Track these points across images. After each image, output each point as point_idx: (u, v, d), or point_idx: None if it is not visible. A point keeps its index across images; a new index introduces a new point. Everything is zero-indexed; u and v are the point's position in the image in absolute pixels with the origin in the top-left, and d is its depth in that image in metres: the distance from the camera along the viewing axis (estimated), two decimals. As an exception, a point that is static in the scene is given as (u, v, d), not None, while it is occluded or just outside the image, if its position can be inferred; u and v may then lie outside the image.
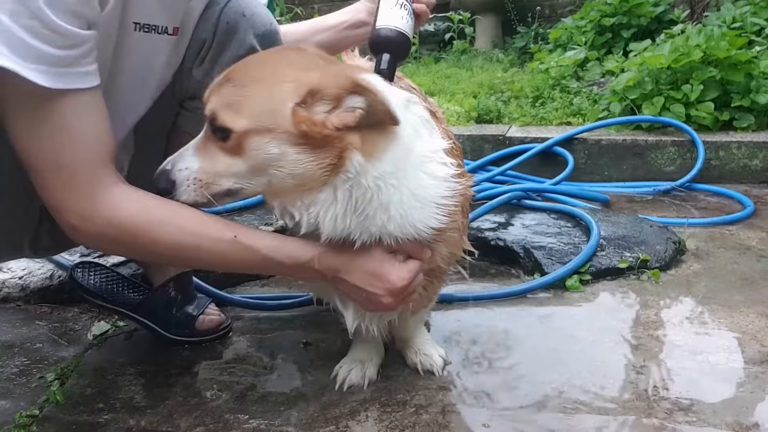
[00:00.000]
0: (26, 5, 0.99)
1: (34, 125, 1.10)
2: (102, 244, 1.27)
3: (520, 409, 1.38)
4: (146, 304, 1.71)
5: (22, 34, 1.00)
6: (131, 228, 1.16)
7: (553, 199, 2.61)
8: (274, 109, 1.10)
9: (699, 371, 1.49)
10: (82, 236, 1.19)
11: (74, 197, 1.14)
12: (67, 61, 1.06)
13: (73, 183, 1.13)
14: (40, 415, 1.43)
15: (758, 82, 2.99)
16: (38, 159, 1.12)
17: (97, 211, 1.14)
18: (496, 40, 5.94)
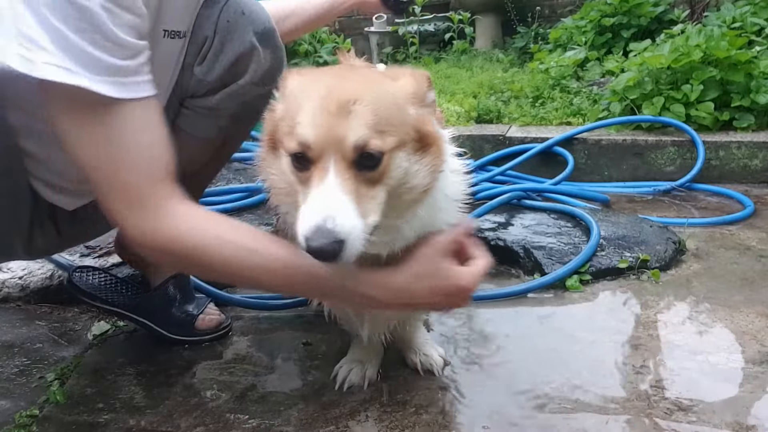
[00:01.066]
0: (90, 21, 1.01)
1: (98, 139, 1.09)
2: (162, 258, 1.25)
3: (520, 409, 1.38)
4: (145, 303, 1.71)
5: (89, 47, 1.02)
6: (191, 246, 1.14)
7: (553, 199, 2.61)
8: (405, 120, 1.07)
9: (699, 371, 1.49)
10: (143, 250, 1.19)
11: (136, 215, 1.13)
12: (131, 70, 1.08)
13: (135, 200, 1.12)
14: (40, 415, 1.43)
15: (758, 82, 2.99)
16: (100, 173, 1.12)
17: (159, 230, 1.13)
18: (496, 40, 5.94)
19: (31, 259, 1.82)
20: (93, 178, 1.13)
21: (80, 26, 1.00)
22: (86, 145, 1.10)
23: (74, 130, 1.09)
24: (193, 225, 1.15)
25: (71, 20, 1.00)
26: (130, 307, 1.72)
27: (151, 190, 1.13)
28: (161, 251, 1.16)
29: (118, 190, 1.12)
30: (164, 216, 1.14)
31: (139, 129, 1.12)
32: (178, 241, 1.14)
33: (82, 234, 1.55)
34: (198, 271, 1.33)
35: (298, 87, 1.10)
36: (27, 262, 1.99)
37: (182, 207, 1.16)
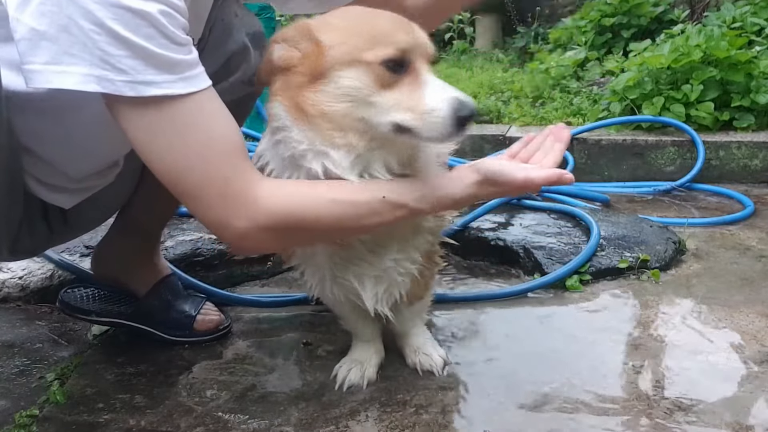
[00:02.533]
0: (156, 27, 1.03)
1: (178, 140, 1.10)
2: (270, 239, 1.21)
3: (520, 409, 1.38)
4: (141, 310, 1.70)
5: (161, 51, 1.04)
6: (294, 213, 1.15)
7: (553, 199, 2.61)
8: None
9: (699, 371, 1.49)
10: (252, 240, 1.17)
11: (236, 208, 1.13)
12: (192, 63, 1.10)
13: (231, 194, 1.12)
14: (40, 415, 1.43)
15: (758, 82, 2.99)
16: (189, 178, 1.12)
17: (260, 209, 1.13)
18: (496, 40, 5.94)
19: (12, 260, 1.82)
20: (183, 189, 1.13)
21: (149, 33, 1.03)
22: (169, 152, 1.10)
23: (156, 141, 1.10)
24: (289, 192, 1.17)
25: (141, 29, 1.02)
26: (126, 315, 1.71)
27: (242, 177, 1.13)
28: (273, 230, 1.15)
29: (210, 188, 1.12)
30: (261, 197, 1.14)
31: (212, 119, 1.13)
32: (284, 213, 1.14)
33: (72, 231, 1.54)
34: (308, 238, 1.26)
35: (349, 17, 1.24)
36: (27, 262, 1.98)
37: (267, 181, 1.18)
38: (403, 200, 1.20)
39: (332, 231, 1.23)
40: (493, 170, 1.23)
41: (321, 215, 1.16)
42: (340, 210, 1.17)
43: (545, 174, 1.24)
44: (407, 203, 1.20)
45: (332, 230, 1.22)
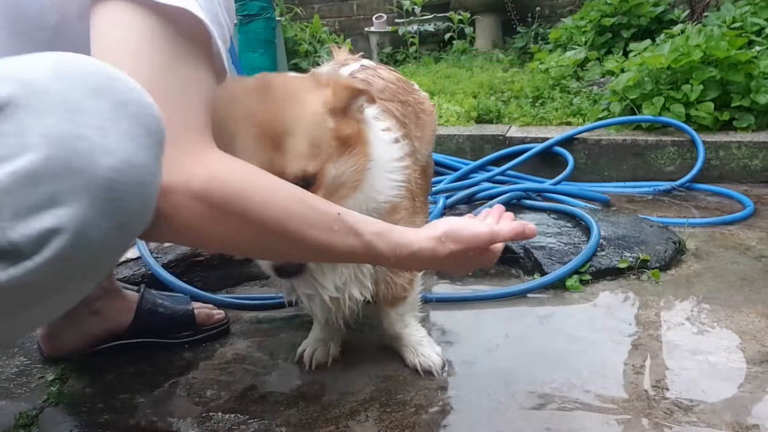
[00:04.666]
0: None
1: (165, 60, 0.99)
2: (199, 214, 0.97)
3: (520, 409, 1.38)
4: (137, 326, 1.67)
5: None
6: (241, 187, 0.99)
7: (553, 199, 2.61)
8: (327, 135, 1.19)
9: (699, 371, 1.49)
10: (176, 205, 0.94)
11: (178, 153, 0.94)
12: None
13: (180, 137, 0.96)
14: (40, 415, 1.43)
15: (758, 82, 2.98)
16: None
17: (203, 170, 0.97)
18: (496, 40, 5.94)
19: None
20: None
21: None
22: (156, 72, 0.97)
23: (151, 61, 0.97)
24: (241, 165, 1.03)
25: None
26: (124, 334, 1.67)
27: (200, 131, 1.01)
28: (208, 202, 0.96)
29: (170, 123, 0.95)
30: (210, 158, 1.00)
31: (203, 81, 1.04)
32: (229, 183, 0.98)
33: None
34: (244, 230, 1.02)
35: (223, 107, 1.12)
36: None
37: (223, 153, 1.03)
38: (359, 228, 1.09)
39: (274, 227, 1.02)
40: (455, 225, 1.19)
41: (269, 201, 1.01)
42: (291, 204, 1.03)
43: (510, 226, 1.21)
44: (363, 233, 1.09)
45: (274, 226, 1.02)
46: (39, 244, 0.74)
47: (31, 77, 0.75)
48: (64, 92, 0.75)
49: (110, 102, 0.78)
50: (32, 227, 0.73)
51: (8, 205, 0.72)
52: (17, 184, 0.72)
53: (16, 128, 0.72)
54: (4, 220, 0.72)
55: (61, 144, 0.73)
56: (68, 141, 0.74)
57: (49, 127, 0.73)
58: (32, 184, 0.72)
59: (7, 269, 0.74)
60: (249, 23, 3.81)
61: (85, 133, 0.75)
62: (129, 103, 0.80)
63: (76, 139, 0.74)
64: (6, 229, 0.72)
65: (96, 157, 0.75)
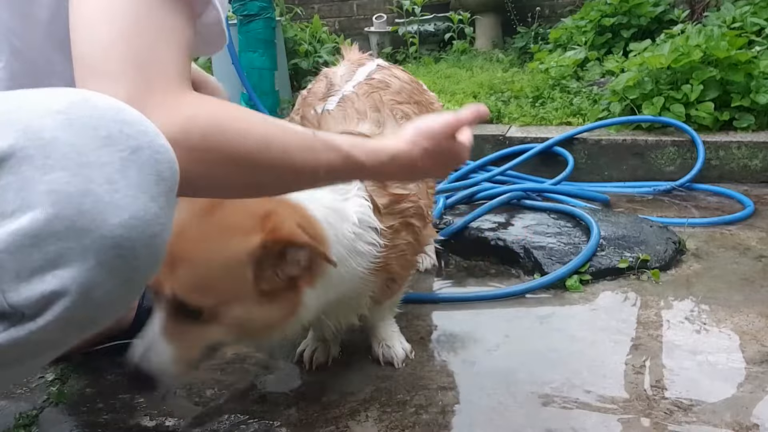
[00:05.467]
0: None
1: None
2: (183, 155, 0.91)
3: (520, 409, 1.38)
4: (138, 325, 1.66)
5: None
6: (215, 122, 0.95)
7: (553, 199, 2.61)
8: (235, 281, 1.13)
9: (699, 371, 1.49)
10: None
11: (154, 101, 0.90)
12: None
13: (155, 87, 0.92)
14: (40, 415, 1.43)
15: (758, 82, 2.98)
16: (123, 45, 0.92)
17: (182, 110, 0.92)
18: (496, 40, 5.94)
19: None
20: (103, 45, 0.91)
21: None
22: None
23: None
24: (216, 103, 0.98)
25: None
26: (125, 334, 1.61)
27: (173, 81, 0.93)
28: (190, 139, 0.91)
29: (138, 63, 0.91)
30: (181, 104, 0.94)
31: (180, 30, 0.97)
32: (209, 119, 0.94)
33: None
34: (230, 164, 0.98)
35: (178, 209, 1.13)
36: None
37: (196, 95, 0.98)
38: (336, 143, 1.06)
39: (257, 156, 0.98)
40: (420, 123, 1.19)
41: (247, 131, 0.97)
42: (269, 130, 0.99)
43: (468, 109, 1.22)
44: (341, 147, 1.05)
45: (257, 154, 0.98)
46: (42, 306, 0.71)
47: (38, 126, 0.70)
48: (73, 143, 0.70)
49: (122, 151, 0.73)
50: (34, 290, 0.70)
51: (9, 267, 0.68)
52: (19, 245, 0.68)
53: (19, 182, 0.68)
54: (4, 282, 0.69)
55: (67, 202, 0.69)
56: (74, 198, 0.69)
57: (54, 182, 0.68)
58: (35, 245, 0.68)
59: (7, 330, 0.71)
60: (249, 23, 3.81)
61: (92, 189, 0.70)
62: (141, 149, 0.74)
63: (82, 195, 0.69)
64: (6, 291, 0.69)
65: (104, 215, 0.70)
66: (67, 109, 0.72)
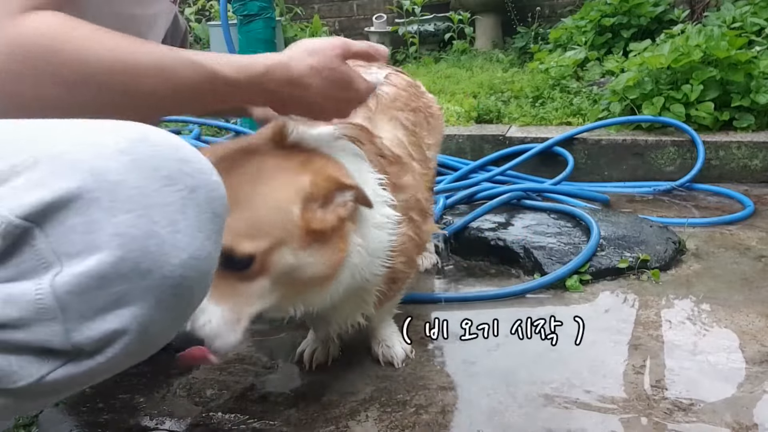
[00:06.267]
0: None
1: None
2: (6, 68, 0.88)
3: (520, 409, 1.38)
4: None
5: None
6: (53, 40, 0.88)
7: (553, 199, 2.61)
8: (285, 221, 1.11)
9: (699, 371, 1.49)
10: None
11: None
12: None
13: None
14: (40, 415, 1.43)
15: (758, 82, 2.98)
16: None
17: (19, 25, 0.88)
18: (496, 40, 5.94)
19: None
20: None
21: None
22: None
23: None
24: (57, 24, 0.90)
25: None
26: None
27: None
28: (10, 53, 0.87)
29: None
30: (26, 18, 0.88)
31: None
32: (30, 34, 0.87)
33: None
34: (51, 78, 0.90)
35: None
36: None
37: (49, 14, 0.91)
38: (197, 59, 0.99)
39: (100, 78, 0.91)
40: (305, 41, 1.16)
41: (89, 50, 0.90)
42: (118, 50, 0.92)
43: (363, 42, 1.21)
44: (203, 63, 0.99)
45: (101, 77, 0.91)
46: (102, 345, 0.72)
47: (104, 168, 0.69)
48: (137, 186, 0.70)
49: (181, 190, 0.73)
50: (97, 329, 0.70)
51: (74, 308, 0.69)
52: (85, 287, 0.68)
53: (86, 225, 0.68)
54: (69, 321, 0.69)
55: (133, 244, 0.69)
56: (140, 241, 0.70)
57: (121, 225, 0.69)
58: (101, 287, 0.69)
59: (64, 365, 0.72)
60: (249, 23, 3.81)
61: (156, 231, 0.71)
62: (198, 188, 0.75)
63: (147, 237, 0.70)
64: (71, 331, 0.70)
65: (166, 256, 0.71)
66: (130, 149, 0.72)
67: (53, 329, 0.69)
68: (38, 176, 0.68)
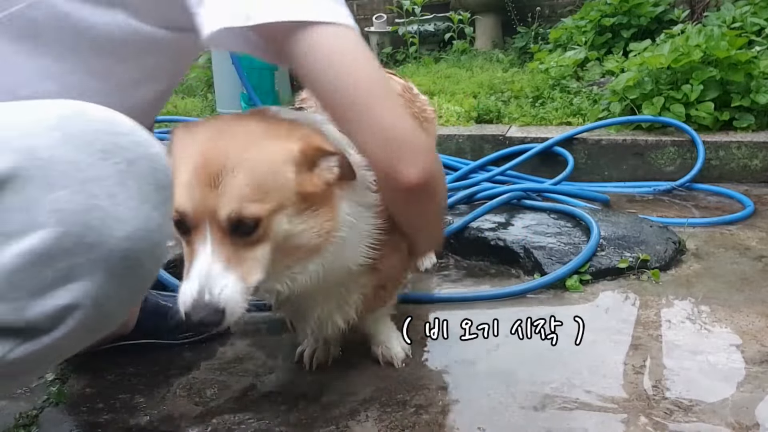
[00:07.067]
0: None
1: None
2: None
3: (520, 409, 1.38)
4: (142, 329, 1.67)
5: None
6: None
7: (553, 199, 2.61)
8: (282, 184, 1.11)
9: (699, 371, 1.49)
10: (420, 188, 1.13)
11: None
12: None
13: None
14: (40, 415, 1.43)
15: (758, 82, 2.99)
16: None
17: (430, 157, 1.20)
18: (496, 40, 5.94)
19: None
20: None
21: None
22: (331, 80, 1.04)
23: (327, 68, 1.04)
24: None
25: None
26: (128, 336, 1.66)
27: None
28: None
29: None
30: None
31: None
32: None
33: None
34: None
35: (179, 147, 1.12)
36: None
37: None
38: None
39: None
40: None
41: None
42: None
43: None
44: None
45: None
46: (56, 320, 0.72)
47: (35, 144, 0.70)
48: (72, 160, 0.70)
49: (119, 163, 0.73)
50: (48, 305, 0.71)
51: (23, 285, 0.70)
52: (30, 264, 0.69)
53: (23, 203, 0.68)
54: (20, 300, 0.70)
55: (74, 219, 0.70)
56: (80, 215, 0.70)
57: (59, 201, 0.69)
58: (46, 263, 0.69)
59: (23, 344, 0.73)
60: (249, 23, 3.80)
61: (96, 204, 0.71)
62: (137, 160, 0.75)
63: (87, 211, 0.70)
64: (22, 309, 0.71)
65: (110, 229, 0.72)
66: (62, 125, 0.72)
67: (3, 308, 0.69)
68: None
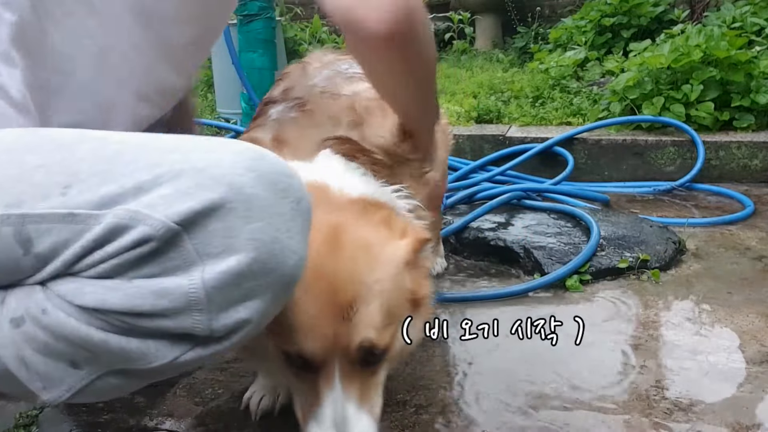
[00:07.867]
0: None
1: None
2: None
3: (519, 409, 1.38)
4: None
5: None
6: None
7: (553, 199, 2.61)
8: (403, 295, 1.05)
9: (699, 371, 1.49)
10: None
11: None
12: None
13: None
14: (40, 415, 1.43)
15: (758, 82, 2.99)
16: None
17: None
18: (496, 40, 5.94)
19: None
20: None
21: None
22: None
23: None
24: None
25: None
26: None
27: None
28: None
29: None
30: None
31: None
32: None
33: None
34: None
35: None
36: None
37: None
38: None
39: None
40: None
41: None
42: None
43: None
44: None
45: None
46: (232, 331, 0.85)
47: (240, 183, 0.82)
48: (265, 198, 0.84)
49: (292, 202, 0.87)
50: (232, 318, 0.83)
51: (216, 300, 0.82)
52: (226, 283, 0.81)
53: (225, 230, 0.81)
54: (211, 312, 0.82)
55: (264, 248, 0.82)
56: (268, 245, 0.83)
57: (255, 231, 0.82)
58: (237, 282, 0.82)
59: (194, 348, 0.85)
60: (249, 23, 3.81)
61: (279, 236, 0.84)
62: (302, 200, 0.89)
63: (273, 242, 0.83)
64: (212, 320, 0.83)
65: (285, 258, 0.85)
66: (256, 166, 0.85)
67: (199, 318, 0.82)
68: (185, 187, 0.81)
